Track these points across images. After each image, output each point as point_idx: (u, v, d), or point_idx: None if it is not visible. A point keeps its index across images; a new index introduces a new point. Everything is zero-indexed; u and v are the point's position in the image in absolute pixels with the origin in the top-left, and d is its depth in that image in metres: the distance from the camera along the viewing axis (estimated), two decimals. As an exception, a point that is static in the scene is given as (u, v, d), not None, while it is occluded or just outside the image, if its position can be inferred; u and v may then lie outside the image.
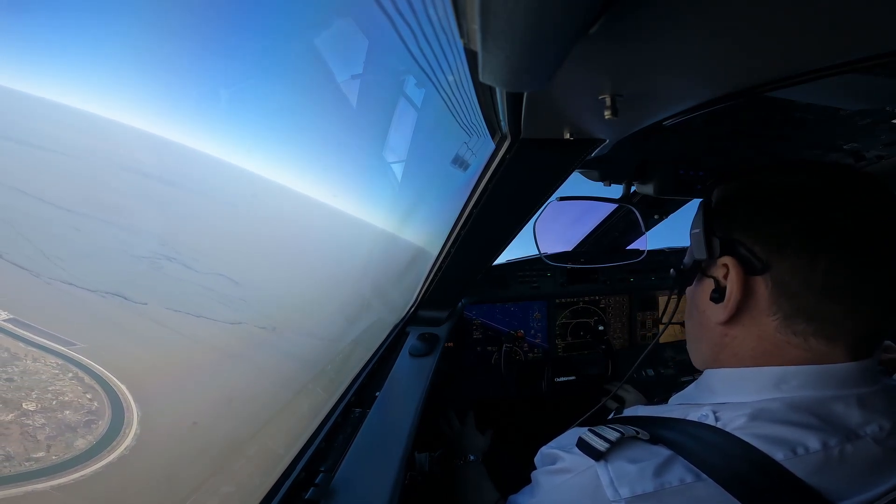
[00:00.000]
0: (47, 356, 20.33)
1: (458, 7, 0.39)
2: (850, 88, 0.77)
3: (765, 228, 0.63)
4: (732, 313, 0.66)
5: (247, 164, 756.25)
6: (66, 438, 17.07)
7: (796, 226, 0.60)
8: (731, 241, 0.66)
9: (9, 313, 22.54)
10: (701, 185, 1.37)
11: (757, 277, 0.63)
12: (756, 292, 0.64)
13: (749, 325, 0.66)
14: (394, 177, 2.32)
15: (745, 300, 0.65)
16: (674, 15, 0.40)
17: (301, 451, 1.08)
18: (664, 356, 2.33)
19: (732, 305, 0.65)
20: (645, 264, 1.99)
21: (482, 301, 2.09)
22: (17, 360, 19.76)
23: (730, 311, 0.66)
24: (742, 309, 0.65)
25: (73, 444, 16.99)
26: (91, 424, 17.66)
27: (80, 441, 17.09)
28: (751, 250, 0.63)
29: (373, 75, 9.05)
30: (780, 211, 0.62)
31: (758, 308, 0.64)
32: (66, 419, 17.73)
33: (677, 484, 0.58)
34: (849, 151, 1.25)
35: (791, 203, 0.62)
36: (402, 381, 1.46)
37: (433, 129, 1.39)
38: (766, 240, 0.62)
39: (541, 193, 1.10)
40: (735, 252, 0.65)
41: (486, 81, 0.45)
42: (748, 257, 0.64)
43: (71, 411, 17.93)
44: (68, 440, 17.04)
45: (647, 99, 0.63)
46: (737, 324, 0.67)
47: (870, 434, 0.59)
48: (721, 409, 0.64)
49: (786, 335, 0.62)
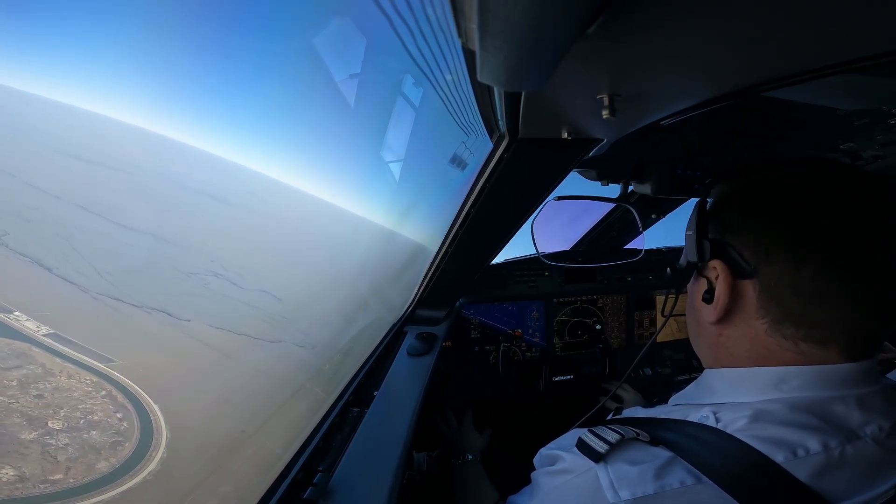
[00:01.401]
0: (83, 373, 19.90)
1: (457, 6, 0.39)
2: (848, 88, 0.77)
3: (754, 233, 0.63)
4: (721, 315, 0.67)
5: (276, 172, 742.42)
6: (88, 460, 16.63)
7: (784, 231, 0.60)
8: (722, 244, 0.67)
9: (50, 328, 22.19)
10: (698, 185, 1.37)
11: (746, 281, 0.64)
12: (745, 296, 0.64)
13: (741, 327, 0.66)
14: (392, 176, 2.32)
15: (734, 303, 0.65)
16: (671, 15, 0.40)
17: (299, 450, 1.08)
18: (662, 355, 2.33)
19: (721, 308, 0.66)
20: (642, 263, 1.99)
21: (480, 300, 2.09)
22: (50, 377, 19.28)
23: (718, 314, 0.67)
24: (732, 311, 0.66)
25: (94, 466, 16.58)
26: (117, 446, 17.19)
27: (103, 464, 16.65)
28: (740, 254, 0.64)
29: (371, 74, 9.04)
30: (770, 215, 0.62)
31: (747, 311, 0.64)
32: (91, 440, 17.28)
33: (678, 486, 0.58)
34: (845, 151, 1.25)
35: (780, 207, 0.62)
36: (400, 380, 1.46)
37: (431, 128, 1.39)
38: (755, 244, 0.63)
39: (539, 193, 1.10)
40: (725, 256, 0.66)
41: (484, 81, 0.45)
42: (737, 261, 0.64)
43: (98, 431, 17.44)
44: (90, 462, 16.61)
45: (644, 99, 0.63)
46: (729, 324, 0.67)
47: (869, 434, 0.60)
48: (721, 410, 0.64)
49: (776, 338, 0.63)
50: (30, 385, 18.90)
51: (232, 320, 36.89)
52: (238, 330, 34.55)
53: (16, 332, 21.58)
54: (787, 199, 0.62)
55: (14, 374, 19.12)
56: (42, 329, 22.16)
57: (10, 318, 22.53)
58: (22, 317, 22.79)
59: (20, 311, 23.12)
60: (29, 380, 19.12)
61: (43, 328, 22.23)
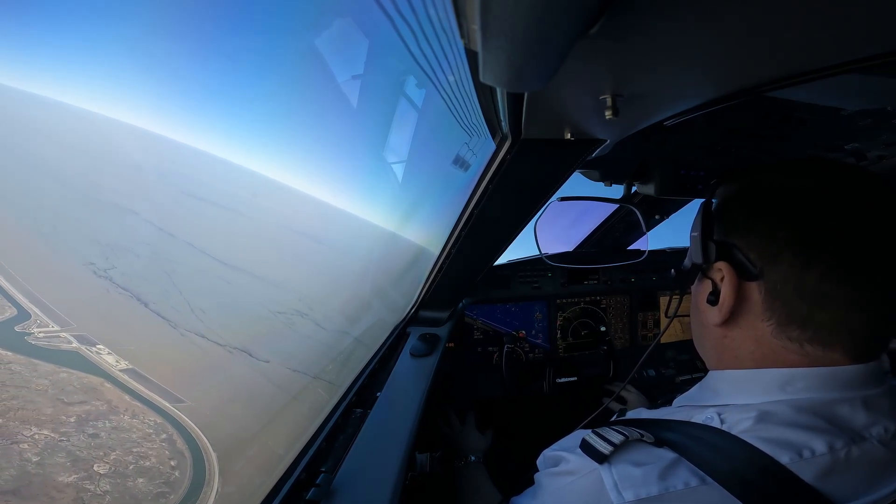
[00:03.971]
0: (149, 412, 19.04)
1: (459, 7, 0.39)
2: (852, 88, 0.77)
3: (760, 235, 0.62)
4: (727, 317, 0.66)
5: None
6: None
7: (791, 232, 0.59)
8: (727, 245, 0.66)
9: (129, 363, 21.66)
10: (702, 185, 1.37)
11: (751, 283, 0.63)
12: (750, 298, 0.64)
13: (746, 328, 0.66)
14: (395, 177, 2.32)
15: (738, 305, 0.65)
16: (674, 15, 0.40)
17: (302, 451, 1.08)
18: (665, 356, 2.32)
19: (726, 310, 0.65)
20: (646, 264, 1.99)
21: (483, 301, 2.08)
22: (113, 415, 18.46)
23: (723, 315, 0.66)
24: (737, 313, 0.65)
25: (125, 519, 15.33)
26: (160, 498, 16.20)
27: (137, 517, 15.47)
28: (746, 256, 0.63)
29: (374, 76, 9.07)
30: (777, 217, 0.61)
31: (752, 313, 0.64)
32: (134, 488, 16.30)
33: (682, 487, 0.58)
34: (850, 151, 1.24)
35: (787, 208, 0.61)
36: (403, 381, 1.46)
37: (434, 129, 1.39)
38: (761, 246, 0.62)
39: (542, 193, 1.10)
40: (730, 257, 0.65)
41: (486, 82, 0.45)
42: (743, 263, 0.63)
43: (145, 479, 16.36)
44: (122, 514, 15.46)
45: (647, 99, 0.63)
46: (734, 326, 0.67)
47: (875, 436, 0.59)
48: (725, 412, 0.64)
49: (781, 340, 0.62)
50: (88, 423, 18.22)
51: (309, 362, 35.98)
52: (313, 373, 33.27)
53: (93, 365, 21.16)
54: (793, 200, 0.61)
55: (75, 409, 18.52)
56: (121, 364, 21.66)
57: (91, 351, 22.14)
58: (104, 350, 22.40)
59: (104, 345, 22.71)
60: (89, 417, 18.47)
61: (122, 363, 21.74)
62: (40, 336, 22.94)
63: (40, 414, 18.09)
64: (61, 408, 18.48)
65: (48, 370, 20.45)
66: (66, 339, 23.09)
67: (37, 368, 20.47)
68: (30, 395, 18.90)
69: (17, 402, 18.41)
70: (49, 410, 18.27)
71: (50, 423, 17.73)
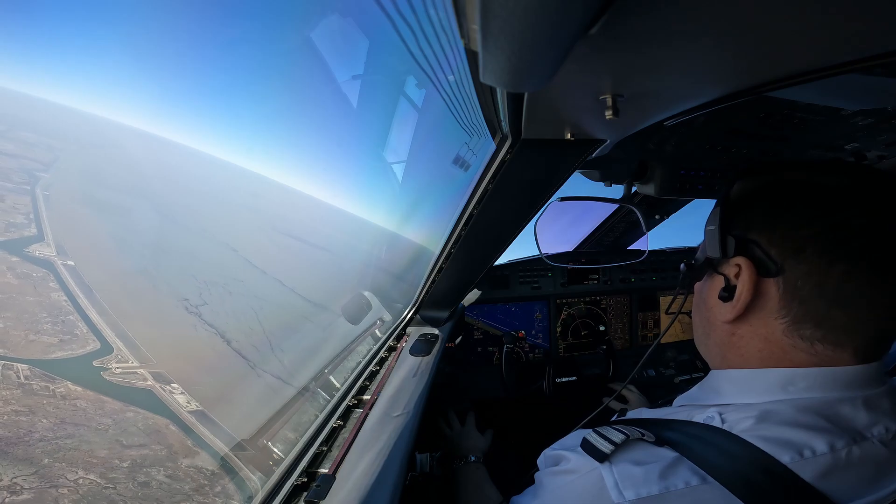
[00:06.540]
0: (207, 458, 17.87)
1: (459, 7, 0.39)
2: (852, 88, 0.77)
3: (783, 231, 0.61)
4: (740, 313, 0.65)
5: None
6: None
7: (815, 231, 0.58)
8: (746, 241, 0.65)
9: (199, 405, 20.92)
10: (702, 186, 1.37)
11: (768, 280, 0.62)
12: (766, 294, 0.63)
13: (756, 326, 0.65)
14: (395, 177, 2.33)
15: (753, 301, 0.64)
16: (674, 15, 0.40)
17: (301, 451, 1.08)
18: (665, 357, 2.32)
19: (741, 306, 0.64)
20: (646, 264, 1.99)
21: (483, 301, 2.08)
22: (169, 461, 17.10)
23: (738, 312, 0.65)
24: (750, 309, 0.65)
25: None
26: None
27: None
28: (766, 252, 0.62)
29: (374, 76, 9.02)
30: (801, 214, 0.60)
31: (766, 309, 0.63)
32: None
33: (683, 486, 0.58)
34: (850, 152, 1.24)
35: (812, 206, 0.60)
36: (403, 381, 1.46)
37: (434, 129, 1.39)
38: (784, 243, 0.61)
39: (542, 194, 1.10)
40: (750, 253, 0.64)
41: (486, 82, 0.45)
42: (763, 259, 0.62)
43: None
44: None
45: (647, 99, 0.63)
46: (744, 323, 0.66)
47: (876, 436, 0.59)
48: (727, 411, 0.64)
49: (792, 339, 0.62)
50: (141, 469, 17.17)
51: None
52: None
53: (163, 405, 20.45)
54: (819, 198, 0.60)
55: (131, 453, 17.56)
56: (191, 405, 21.01)
57: (165, 391, 21.48)
58: (177, 389, 21.79)
59: (178, 384, 22.10)
60: (144, 462, 17.44)
61: (192, 404, 21.10)
62: (117, 372, 22.38)
63: (92, 456, 17.25)
64: (117, 451, 17.63)
65: (115, 408, 19.80)
66: (142, 377, 22.55)
67: (104, 406, 19.79)
68: (88, 434, 18.08)
69: (72, 441, 17.51)
70: (103, 453, 17.46)
71: (99, 468, 16.89)
